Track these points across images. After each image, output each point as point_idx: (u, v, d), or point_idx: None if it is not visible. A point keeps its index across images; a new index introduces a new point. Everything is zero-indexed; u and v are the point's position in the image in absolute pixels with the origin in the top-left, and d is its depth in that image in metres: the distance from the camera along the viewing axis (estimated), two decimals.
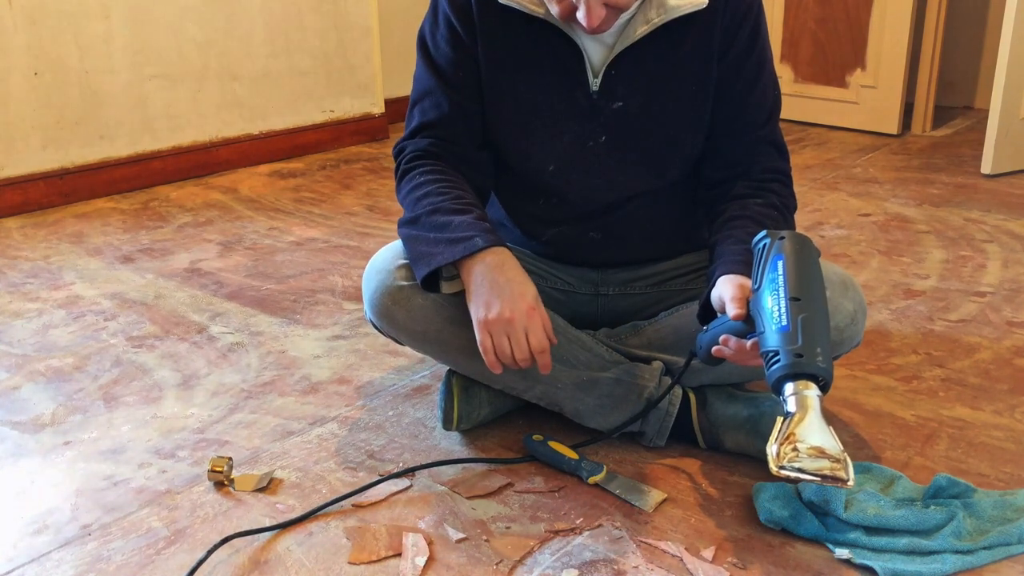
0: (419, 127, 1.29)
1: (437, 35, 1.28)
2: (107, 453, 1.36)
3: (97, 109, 2.71)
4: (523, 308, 1.14)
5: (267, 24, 3.09)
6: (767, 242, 1.06)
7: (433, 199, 1.21)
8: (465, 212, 1.20)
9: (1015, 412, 1.42)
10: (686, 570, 1.07)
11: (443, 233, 1.18)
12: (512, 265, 1.17)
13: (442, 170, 1.26)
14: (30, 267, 2.15)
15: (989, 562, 1.07)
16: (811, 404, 0.96)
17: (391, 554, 1.10)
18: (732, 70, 1.26)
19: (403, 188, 1.27)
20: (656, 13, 1.20)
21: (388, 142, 3.47)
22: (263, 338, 1.75)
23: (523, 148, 1.30)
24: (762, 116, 1.29)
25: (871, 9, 3.31)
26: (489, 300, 1.14)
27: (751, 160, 1.29)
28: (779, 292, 1.00)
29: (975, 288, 1.93)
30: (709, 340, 1.12)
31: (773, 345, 0.98)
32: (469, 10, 1.24)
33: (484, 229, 1.18)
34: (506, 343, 1.15)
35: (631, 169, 1.30)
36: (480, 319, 1.15)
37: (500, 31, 1.24)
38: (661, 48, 1.23)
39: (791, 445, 0.94)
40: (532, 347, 1.15)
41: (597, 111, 1.26)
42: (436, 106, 1.28)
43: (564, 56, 1.24)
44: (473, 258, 1.16)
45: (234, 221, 2.50)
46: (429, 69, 1.29)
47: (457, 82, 1.27)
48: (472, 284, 1.16)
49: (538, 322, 1.15)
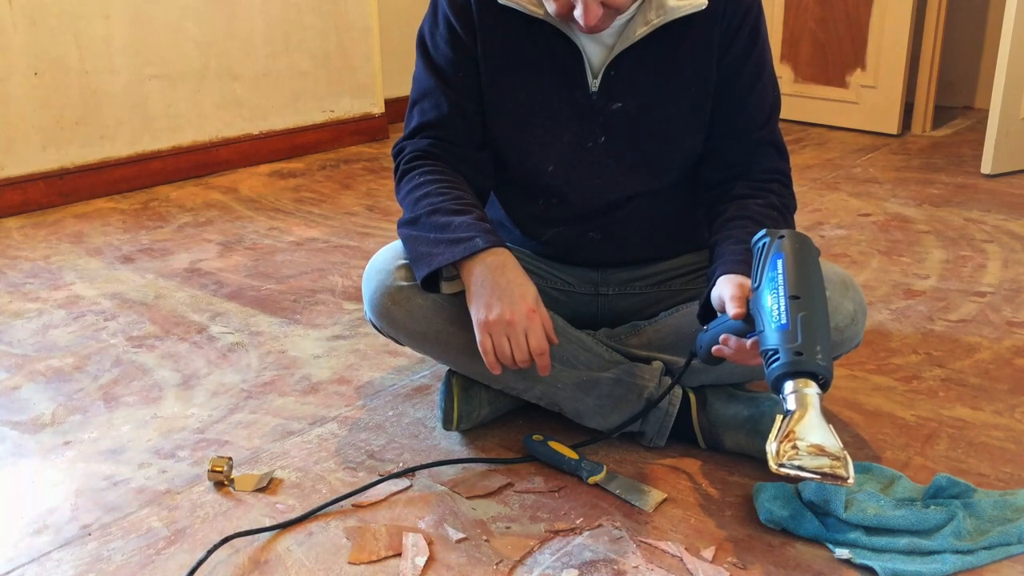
0: (419, 127, 1.29)
1: (437, 35, 1.28)
2: (107, 453, 1.36)
3: (97, 109, 2.71)
4: (523, 310, 1.14)
5: (267, 24, 3.09)
6: (767, 241, 1.06)
7: (433, 199, 1.21)
8: (465, 212, 1.20)
9: (1015, 412, 1.42)
10: (686, 570, 1.07)
11: (443, 233, 1.18)
12: (513, 266, 1.17)
13: (442, 170, 1.26)
14: (30, 267, 2.15)
15: (989, 562, 1.07)
16: (811, 402, 0.95)
17: (391, 554, 1.10)
18: (732, 71, 1.26)
19: (402, 188, 1.27)
20: (656, 14, 1.20)
21: (388, 142, 3.47)
22: (263, 338, 1.75)
23: (522, 148, 1.30)
24: (762, 116, 1.29)
25: (871, 9, 3.31)
26: (489, 301, 1.14)
27: (751, 160, 1.29)
28: (779, 291, 1.00)
29: (975, 288, 1.93)
30: (709, 340, 1.12)
31: (773, 343, 0.98)
32: (469, 10, 1.24)
33: (484, 229, 1.18)
34: (506, 344, 1.15)
35: (630, 170, 1.30)
36: (480, 320, 1.15)
37: (500, 31, 1.24)
38: (661, 49, 1.23)
39: (791, 443, 0.94)
40: (532, 348, 1.15)
41: (596, 112, 1.26)
42: (436, 106, 1.28)
43: (563, 57, 1.24)
44: (473, 259, 1.16)
45: (234, 221, 2.50)
46: (428, 69, 1.29)
47: (456, 82, 1.27)
48: (472, 285, 1.16)
49: (538, 324, 1.15)
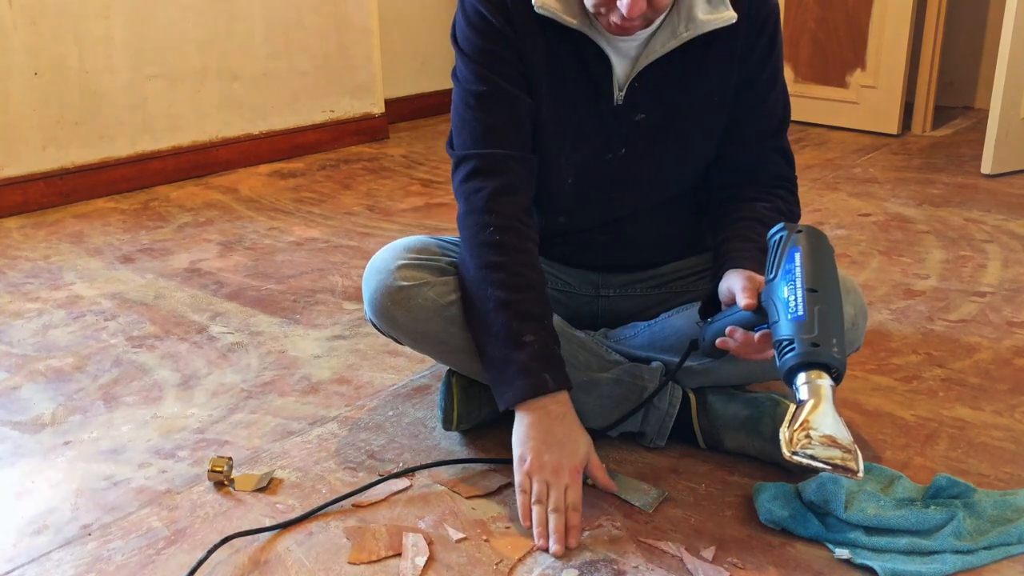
0: (484, 130, 1.23)
1: (479, 37, 1.22)
2: (107, 453, 1.36)
3: (97, 109, 2.70)
4: (572, 465, 1.14)
5: (267, 24, 3.09)
6: (784, 234, 1.06)
7: (503, 285, 1.17)
8: (535, 320, 1.17)
9: (1015, 412, 1.42)
10: (686, 570, 1.07)
11: (511, 350, 1.16)
12: (572, 418, 1.16)
13: (517, 229, 1.21)
14: (30, 267, 2.15)
15: (989, 562, 1.07)
16: (824, 393, 0.95)
17: (391, 554, 1.10)
18: (748, 79, 1.26)
19: (471, 224, 1.21)
20: (685, 27, 1.19)
21: (388, 142, 3.47)
22: (263, 338, 1.75)
23: (547, 159, 1.28)
24: (773, 125, 1.30)
25: (871, 9, 3.31)
26: (539, 448, 1.14)
27: (760, 167, 1.30)
28: (796, 283, 1.00)
29: (975, 288, 1.93)
30: (715, 330, 1.12)
31: (787, 334, 0.98)
32: (507, 11, 1.21)
33: (552, 362, 1.16)
34: (544, 491, 1.13)
35: (647, 181, 1.30)
36: (526, 463, 1.14)
37: (534, 39, 1.22)
38: (685, 62, 1.23)
39: (804, 432, 0.93)
40: (568, 502, 1.13)
41: (619, 123, 1.26)
42: (500, 108, 1.23)
43: (593, 67, 1.23)
44: (537, 401, 1.15)
45: (234, 221, 2.50)
46: (478, 74, 1.22)
47: (512, 81, 1.23)
48: (526, 425, 1.15)
49: (579, 481, 1.14)
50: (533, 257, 1.22)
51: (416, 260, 1.27)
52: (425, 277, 1.26)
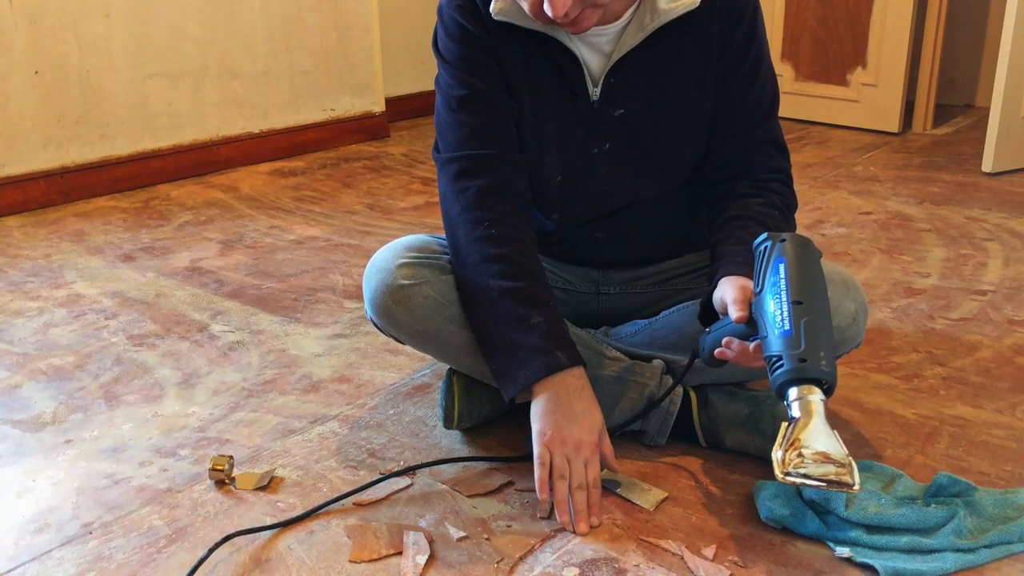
0: (469, 132, 1.24)
1: (458, 45, 1.24)
2: (108, 451, 1.36)
3: (98, 108, 2.71)
4: (592, 440, 1.15)
5: (268, 22, 3.09)
6: (768, 245, 1.06)
7: (505, 275, 1.18)
8: (540, 304, 1.18)
9: (1016, 410, 1.42)
10: (687, 568, 1.07)
11: (521, 334, 1.16)
12: (588, 392, 1.17)
13: (511, 223, 1.22)
14: (31, 266, 2.15)
15: (990, 560, 1.07)
16: (815, 409, 0.96)
17: (392, 552, 1.11)
18: (729, 69, 1.26)
19: (465, 222, 1.22)
20: (650, 19, 1.20)
21: (389, 141, 3.47)
22: (264, 336, 1.75)
23: (533, 160, 1.29)
24: (760, 114, 1.29)
25: (872, 7, 3.30)
26: (560, 421, 1.14)
27: (751, 159, 1.29)
28: (781, 296, 1.00)
29: (976, 286, 1.93)
30: (712, 342, 1.12)
31: (776, 350, 0.98)
32: (483, 21, 1.23)
33: (563, 339, 1.17)
34: (565, 465, 1.14)
35: (637, 175, 1.30)
36: (547, 436, 1.14)
37: (507, 44, 1.24)
38: (659, 53, 1.23)
39: (796, 451, 0.94)
40: (588, 478, 1.14)
41: (600, 120, 1.26)
42: (485, 110, 1.24)
43: (564, 66, 1.24)
44: (553, 377, 1.15)
45: (235, 220, 2.50)
46: (458, 78, 1.24)
47: (493, 85, 1.24)
48: (545, 400, 1.15)
49: (598, 458, 1.15)
50: (530, 247, 1.23)
51: (417, 259, 1.27)
52: (426, 276, 1.26)
